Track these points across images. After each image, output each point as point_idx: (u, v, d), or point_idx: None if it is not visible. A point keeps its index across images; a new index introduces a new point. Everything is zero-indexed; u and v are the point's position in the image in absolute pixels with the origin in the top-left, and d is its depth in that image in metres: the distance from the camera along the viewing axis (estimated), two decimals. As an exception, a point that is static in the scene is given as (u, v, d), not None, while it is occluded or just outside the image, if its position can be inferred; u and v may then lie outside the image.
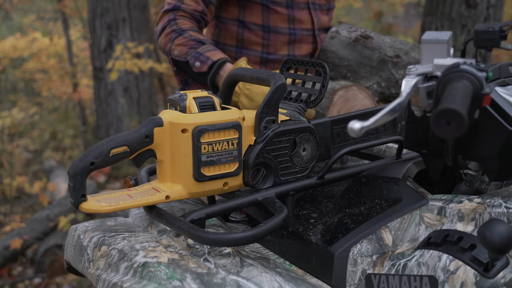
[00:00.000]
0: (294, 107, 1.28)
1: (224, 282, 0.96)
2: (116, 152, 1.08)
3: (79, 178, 1.05)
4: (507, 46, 0.98)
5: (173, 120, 1.10)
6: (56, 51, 8.08)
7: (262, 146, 1.17)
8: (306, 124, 1.22)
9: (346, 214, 1.14)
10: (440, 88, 0.93)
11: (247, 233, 1.02)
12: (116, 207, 1.07)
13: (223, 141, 1.13)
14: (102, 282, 1.03)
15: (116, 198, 1.09)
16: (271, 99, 1.17)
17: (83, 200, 1.06)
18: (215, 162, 1.13)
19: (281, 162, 1.20)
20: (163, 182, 1.14)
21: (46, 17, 10.11)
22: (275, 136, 1.18)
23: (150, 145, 1.11)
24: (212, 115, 1.12)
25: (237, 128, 1.14)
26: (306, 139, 1.22)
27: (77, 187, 1.05)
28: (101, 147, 1.07)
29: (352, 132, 0.88)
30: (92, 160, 1.05)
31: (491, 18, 3.74)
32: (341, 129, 1.31)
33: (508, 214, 0.96)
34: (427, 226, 1.03)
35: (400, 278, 0.97)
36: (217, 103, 1.16)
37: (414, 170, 1.20)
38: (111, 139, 1.08)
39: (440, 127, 0.80)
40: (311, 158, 1.24)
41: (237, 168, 1.16)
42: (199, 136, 1.10)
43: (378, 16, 8.37)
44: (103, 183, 5.57)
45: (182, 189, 1.12)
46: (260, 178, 1.19)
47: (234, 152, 1.15)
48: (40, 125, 7.89)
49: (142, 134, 1.09)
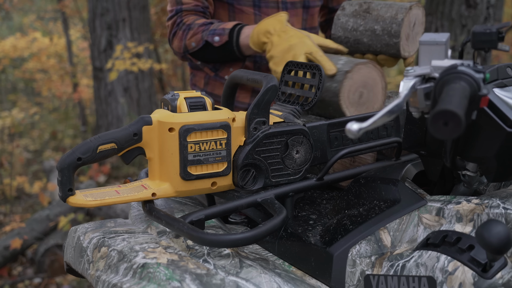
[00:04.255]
0: (289, 109, 1.28)
1: (223, 283, 0.96)
2: (103, 148, 1.10)
3: (66, 172, 1.08)
4: (504, 48, 0.98)
5: (161, 119, 1.12)
6: (56, 51, 8.09)
7: (251, 147, 1.17)
8: (299, 126, 1.22)
9: (345, 215, 1.14)
10: (438, 89, 0.93)
11: (246, 234, 1.02)
12: (102, 202, 1.10)
13: (210, 140, 1.13)
14: (102, 283, 1.03)
15: (103, 193, 1.12)
16: (262, 100, 1.17)
17: (70, 194, 1.09)
18: (202, 161, 1.13)
19: (272, 164, 1.20)
20: (152, 179, 1.16)
21: (46, 17, 10.11)
22: (265, 138, 1.18)
23: (138, 143, 1.13)
24: (200, 115, 1.13)
25: (226, 128, 1.14)
26: (299, 142, 1.22)
27: (64, 181, 1.09)
28: (89, 144, 1.10)
29: (350, 133, 0.88)
30: (79, 156, 1.09)
31: (491, 18, 3.75)
32: (339, 132, 1.30)
33: (506, 215, 0.97)
34: (426, 227, 1.03)
35: (398, 279, 0.97)
36: (208, 103, 1.17)
37: (413, 172, 1.20)
38: (100, 136, 1.12)
39: (437, 128, 0.80)
40: (305, 160, 1.23)
41: (225, 168, 1.16)
42: (186, 135, 1.11)
43: (378, 16, 8.36)
44: (103, 183, 5.57)
45: (169, 187, 1.14)
46: (249, 179, 1.19)
47: (223, 152, 1.15)
48: (40, 125, 7.89)
49: (131, 132, 1.12)
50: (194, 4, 1.72)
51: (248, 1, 1.72)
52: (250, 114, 1.17)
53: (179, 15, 1.72)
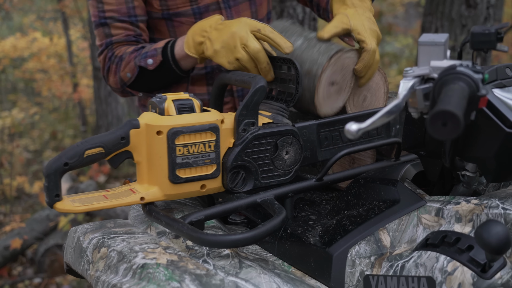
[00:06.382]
0: (277, 109, 1.26)
1: (223, 283, 0.96)
2: (90, 153, 1.09)
3: (52, 178, 1.07)
4: (503, 48, 0.98)
5: (149, 122, 1.11)
6: (56, 51, 8.10)
7: (240, 149, 1.16)
8: (289, 127, 1.21)
9: (345, 216, 1.14)
10: (437, 90, 0.93)
11: (245, 235, 1.02)
12: (89, 208, 1.09)
13: (199, 143, 1.12)
14: (102, 283, 1.03)
15: (90, 198, 1.11)
16: (250, 101, 1.16)
17: (57, 200, 1.08)
18: (191, 164, 1.12)
19: (262, 165, 1.19)
20: (140, 183, 1.15)
21: (46, 17, 10.11)
22: (254, 139, 1.17)
23: (126, 147, 1.12)
24: (188, 117, 1.12)
25: (214, 130, 1.13)
26: (289, 142, 1.21)
27: (51, 187, 1.08)
28: (75, 148, 1.09)
29: (349, 134, 0.88)
30: (66, 161, 1.08)
31: (491, 18, 3.75)
32: (329, 132, 1.29)
33: (505, 215, 0.97)
34: (425, 227, 1.04)
35: (398, 279, 0.97)
36: (196, 105, 1.15)
37: (412, 172, 1.20)
38: (87, 141, 1.10)
39: (436, 129, 0.80)
40: (295, 161, 1.22)
41: (215, 171, 1.15)
42: (174, 138, 1.10)
43: (378, 16, 8.38)
44: (103, 183, 5.58)
45: (157, 191, 1.13)
46: (239, 181, 1.18)
47: (212, 154, 1.14)
48: (40, 125, 7.90)
49: (118, 136, 1.11)
50: (125, 34, 1.53)
51: (187, 11, 1.55)
52: (239, 116, 1.16)
53: (110, 48, 1.54)
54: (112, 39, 1.53)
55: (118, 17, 1.52)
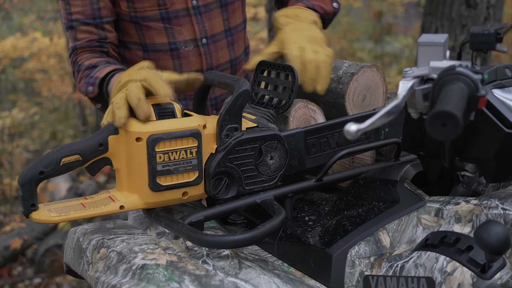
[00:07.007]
0: (263, 113, 1.23)
1: (222, 284, 0.96)
2: (67, 161, 1.06)
3: (27, 187, 1.04)
4: (502, 49, 0.98)
5: (128, 128, 1.07)
6: (56, 51, 8.08)
7: (223, 155, 1.12)
8: (273, 131, 1.17)
9: (344, 216, 1.14)
10: (436, 90, 0.93)
11: (245, 235, 1.02)
12: (66, 218, 1.06)
13: (180, 149, 1.08)
14: (101, 284, 1.03)
15: (67, 207, 1.08)
16: (233, 106, 1.12)
17: (33, 209, 1.05)
18: (172, 171, 1.08)
19: (246, 171, 1.16)
20: (120, 191, 1.12)
21: (46, 17, 10.11)
22: (238, 144, 1.13)
23: (105, 154, 1.08)
24: (169, 123, 1.08)
25: (196, 136, 1.09)
26: (273, 147, 1.17)
27: (26, 196, 1.04)
28: (51, 156, 1.05)
29: (349, 135, 0.88)
30: (41, 169, 1.05)
31: (491, 18, 3.75)
32: (316, 139, 1.25)
33: (505, 216, 0.97)
34: (425, 227, 1.04)
35: (397, 279, 0.97)
36: (177, 110, 1.11)
37: (412, 172, 1.20)
38: (63, 148, 1.07)
39: (435, 129, 0.80)
40: (279, 166, 1.19)
41: (197, 178, 1.12)
42: (154, 145, 1.06)
43: (378, 16, 8.37)
44: (103, 183, 5.58)
45: (137, 199, 1.10)
46: (222, 188, 1.15)
47: (193, 161, 1.10)
48: (40, 125, 7.89)
49: (96, 143, 1.07)
50: (88, 39, 1.51)
51: (154, 16, 1.53)
52: (222, 121, 1.12)
53: (75, 53, 1.53)
54: (77, 44, 1.52)
55: (83, 19, 1.51)
